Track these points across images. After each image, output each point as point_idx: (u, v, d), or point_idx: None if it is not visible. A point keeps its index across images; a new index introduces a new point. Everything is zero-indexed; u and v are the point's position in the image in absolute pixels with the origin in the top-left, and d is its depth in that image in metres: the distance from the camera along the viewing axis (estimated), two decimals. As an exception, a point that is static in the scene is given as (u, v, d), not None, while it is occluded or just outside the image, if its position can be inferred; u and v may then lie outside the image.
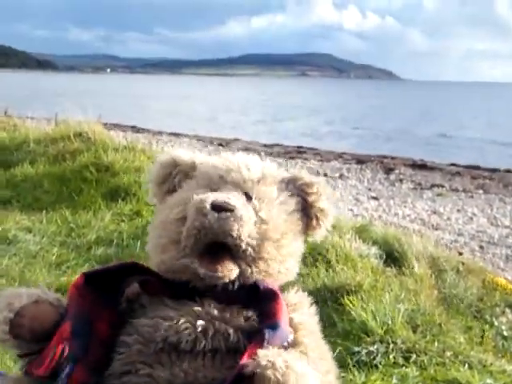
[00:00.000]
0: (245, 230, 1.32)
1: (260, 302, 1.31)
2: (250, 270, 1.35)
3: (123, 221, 5.00)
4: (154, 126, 24.80)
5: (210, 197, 1.34)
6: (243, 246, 1.32)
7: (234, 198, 1.35)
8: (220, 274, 1.29)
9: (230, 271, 1.31)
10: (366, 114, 40.36)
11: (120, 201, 5.44)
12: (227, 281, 1.31)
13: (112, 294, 1.33)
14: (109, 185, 5.76)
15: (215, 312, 1.29)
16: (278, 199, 1.44)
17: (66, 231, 4.75)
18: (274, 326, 1.25)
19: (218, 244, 1.32)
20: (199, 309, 1.29)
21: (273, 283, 1.37)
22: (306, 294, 1.46)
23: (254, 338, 1.23)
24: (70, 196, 5.65)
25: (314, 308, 1.43)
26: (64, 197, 5.66)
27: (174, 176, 1.52)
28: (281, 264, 1.40)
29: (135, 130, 23.34)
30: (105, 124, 10.45)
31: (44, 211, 5.20)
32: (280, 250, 1.39)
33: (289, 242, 1.42)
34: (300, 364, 1.14)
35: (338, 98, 72.62)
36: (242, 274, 1.33)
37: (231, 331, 1.26)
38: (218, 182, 1.44)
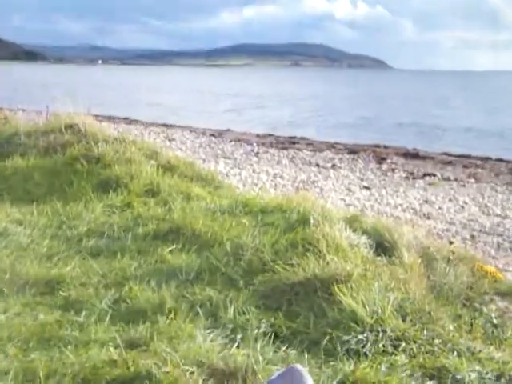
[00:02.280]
0: None
1: None
2: None
3: (114, 212, 4.99)
4: (146, 117, 24.71)
5: None
6: None
7: None
8: None
9: None
10: (356, 103, 40.41)
11: (111, 192, 5.42)
12: None
13: None
14: (99, 176, 5.74)
15: None
16: None
17: (57, 223, 4.73)
18: None
19: None
20: None
21: None
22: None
23: None
24: (61, 188, 5.63)
25: None
26: (55, 189, 5.64)
27: None
28: None
29: (127, 121, 23.26)
30: (97, 116, 10.39)
31: (35, 203, 5.18)
32: None
33: None
34: None
35: (329, 87, 72.46)
36: None
37: None
38: None
